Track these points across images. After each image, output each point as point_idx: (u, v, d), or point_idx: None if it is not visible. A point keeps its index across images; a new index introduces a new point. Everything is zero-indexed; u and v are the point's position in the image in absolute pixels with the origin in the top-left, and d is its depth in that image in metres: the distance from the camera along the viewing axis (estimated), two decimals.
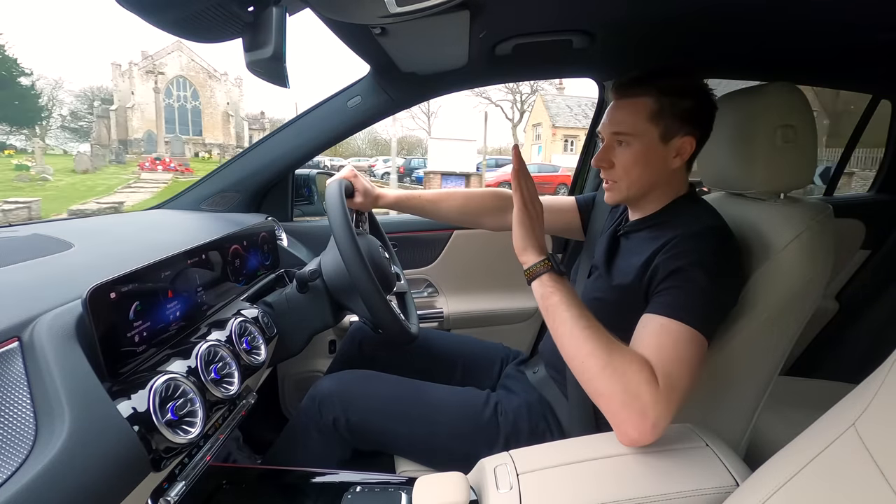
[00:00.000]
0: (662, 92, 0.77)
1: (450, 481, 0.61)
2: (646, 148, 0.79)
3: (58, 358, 0.51)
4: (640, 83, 0.79)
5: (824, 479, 0.44)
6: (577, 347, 0.66)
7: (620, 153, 0.81)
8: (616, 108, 0.81)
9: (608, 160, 0.82)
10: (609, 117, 0.82)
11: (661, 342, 0.66)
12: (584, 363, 0.65)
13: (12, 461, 0.45)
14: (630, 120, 0.79)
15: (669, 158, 0.80)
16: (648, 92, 0.78)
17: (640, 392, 0.61)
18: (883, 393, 0.43)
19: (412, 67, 1.15)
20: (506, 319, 1.51)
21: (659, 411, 0.61)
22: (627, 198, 0.84)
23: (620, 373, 0.62)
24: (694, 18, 0.89)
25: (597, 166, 0.84)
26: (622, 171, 0.81)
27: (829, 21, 0.89)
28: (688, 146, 0.79)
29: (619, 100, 0.81)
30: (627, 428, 0.62)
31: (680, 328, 0.67)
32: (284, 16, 0.53)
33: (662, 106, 0.77)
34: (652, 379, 0.62)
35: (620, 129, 0.80)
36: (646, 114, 0.77)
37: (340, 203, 0.85)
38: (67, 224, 0.99)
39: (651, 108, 0.77)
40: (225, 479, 0.81)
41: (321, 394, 0.91)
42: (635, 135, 0.78)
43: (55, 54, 73.41)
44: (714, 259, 0.71)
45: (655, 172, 0.80)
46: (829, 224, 0.76)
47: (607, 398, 0.63)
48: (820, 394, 1.22)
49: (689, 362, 0.65)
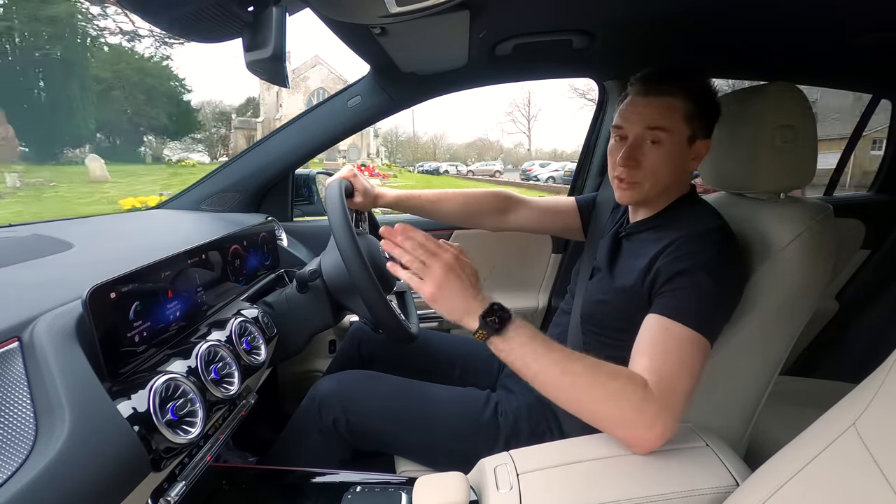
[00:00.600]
0: (691, 93, 0.76)
1: (450, 481, 0.61)
2: (677, 148, 0.77)
3: (58, 358, 0.51)
4: (670, 81, 0.76)
5: (825, 479, 0.44)
6: (567, 392, 0.62)
7: (650, 151, 0.77)
8: (646, 104, 0.77)
9: (636, 159, 0.78)
10: (638, 112, 0.77)
11: (663, 345, 0.66)
12: (580, 403, 0.62)
13: (12, 461, 0.45)
14: (666, 116, 0.76)
15: (689, 161, 0.79)
16: (678, 92, 0.76)
17: (643, 409, 0.61)
18: (883, 393, 0.43)
19: (412, 67, 1.15)
20: None
21: (665, 419, 0.61)
22: (646, 199, 0.82)
23: (618, 399, 0.61)
24: (694, 18, 0.89)
25: (624, 165, 0.78)
26: (649, 171, 0.78)
27: (829, 21, 0.89)
28: (704, 150, 0.80)
29: (649, 95, 0.77)
30: (639, 443, 0.62)
31: (682, 330, 0.67)
32: (284, 16, 0.53)
33: (695, 108, 0.76)
34: (649, 391, 0.61)
35: (659, 123, 0.76)
36: (681, 113, 0.76)
37: (340, 203, 0.85)
38: (67, 224, 0.99)
39: (685, 108, 0.76)
40: (225, 479, 0.81)
41: (321, 394, 0.90)
42: (671, 132, 0.76)
43: (206, 72, 75.26)
44: (717, 260, 0.71)
45: (677, 173, 0.79)
46: (829, 224, 0.76)
47: (612, 424, 0.63)
48: (820, 394, 1.22)
49: (691, 365, 0.65)
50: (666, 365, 0.64)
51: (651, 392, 0.61)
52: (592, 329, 0.86)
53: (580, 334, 0.88)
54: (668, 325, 0.67)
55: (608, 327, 0.82)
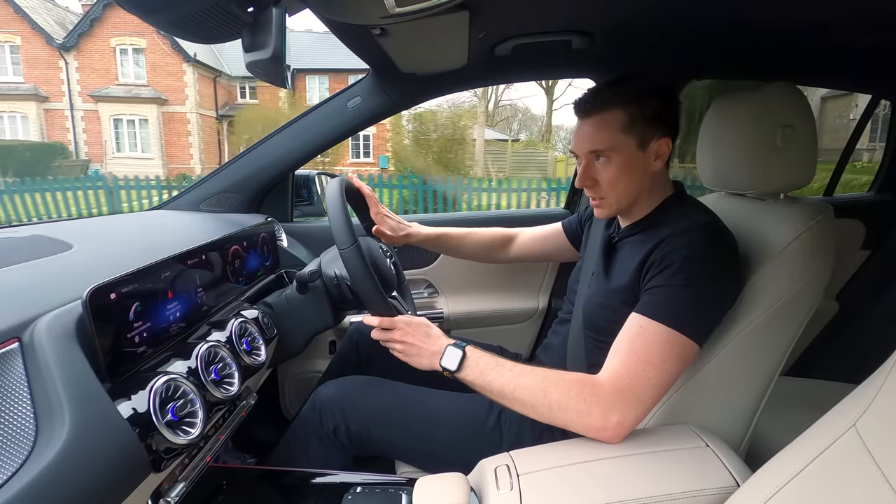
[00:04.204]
0: (627, 100, 0.76)
1: (450, 482, 0.61)
2: (626, 159, 0.77)
3: (58, 359, 0.51)
4: (602, 96, 0.77)
5: (825, 479, 0.44)
6: (524, 405, 0.71)
7: (602, 169, 0.79)
8: (585, 125, 0.79)
9: (591, 178, 0.81)
10: (581, 136, 0.80)
11: (632, 345, 0.70)
12: (537, 412, 0.71)
13: (13, 462, 0.45)
14: (604, 135, 0.77)
15: (650, 163, 0.79)
16: (613, 104, 0.76)
17: (590, 410, 0.67)
18: (883, 393, 0.43)
19: (412, 68, 1.15)
20: (506, 320, 1.51)
21: (620, 413, 0.66)
22: (618, 211, 0.84)
23: (565, 405, 0.68)
24: (693, 19, 0.89)
25: (581, 186, 0.83)
26: (607, 187, 0.80)
27: (829, 21, 0.89)
28: (665, 147, 0.79)
29: (586, 116, 0.79)
30: (600, 437, 0.68)
31: (658, 329, 0.68)
32: (284, 16, 0.53)
33: (633, 114, 0.76)
34: (598, 390, 0.68)
35: (596, 146, 0.78)
36: (618, 126, 0.76)
37: (341, 202, 0.85)
38: (67, 225, 0.99)
39: (622, 119, 0.76)
40: (225, 479, 0.81)
41: (321, 401, 0.90)
42: (614, 148, 0.77)
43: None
44: (705, 257, 0.71)
45: (639, 180, 0.80)
46: (829, 224, 0.76)
47: (569, 425, 0.69)
48: (820, 394, 1.22)
49: (659, 364, 0.67)
50: (627, 363, 0.68)
51: (601, 390, 0.68)
52: (592, 335, 0.86)
53: (581, 341, 0.88)
54: (642, 322, 0.70)
55: (608, 332, 0.82)
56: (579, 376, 0.71)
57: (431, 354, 0.79)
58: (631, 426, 0.68)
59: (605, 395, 0.67)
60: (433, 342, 0.80)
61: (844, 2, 0.80)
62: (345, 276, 0.94)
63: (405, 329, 0.82)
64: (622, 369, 0.69)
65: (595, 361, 0.78)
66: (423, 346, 0.80)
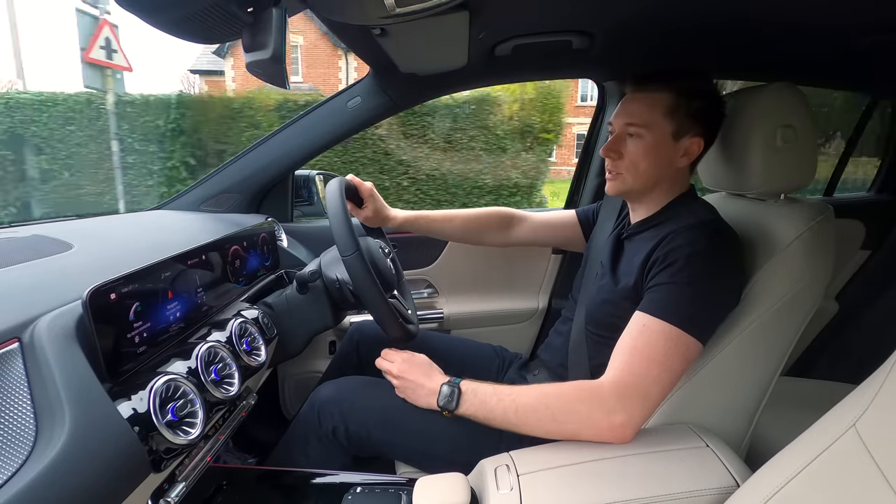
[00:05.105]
0: (680, 90, 0.78)
1: (450, 482, 0.61)
2: (657, 142, 0.79)
3: (58, 359, 0.51)
4: (659, 78, 0.79)
5: (825, 479, 0.44)
6: (529, 425, 0.71)
7: (631, 144, 0.81)
8: (632, 100, 0.82)
9: (618, 150, 0.82)
10: (623, 108, 0.83)
11: (635, 343, 0.70)
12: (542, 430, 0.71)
13: (13, 462, 0.45)
14: (646, 112, 0.79)
15: (677, 157, 0.80)
16: (666, 88, 0.79)
17: (592, 415, 0.68)
18: (883, 393, 0.43)
19: (412, 68, 1.15)
20: (506, 320, 1.51)
21: (625, 413, 0.66)
22: (631, 190, 0.85)
23: (567, 411, 0.69)
24: (693, 19, 0.89)
25: (605, 156, 0.84)
26: (630, 163, 0.81)
27: (829, 22, 0.89)
28: (696, 147, 0.80)
29: (636, 93, 0.82)
30: (608, 439, 0.68)
31: (661, 327, 0.68)
32: (284, 16, 0.53)
33: (679, 103, 0.78)
34: (600, 392, 0.68)
35: (635, 120, 0.80)
36: (662, 108, 0.78)
37: (341, 202, 0.85)
38: (67, 225, 0.99)
39: (668, 103, 0.78)
40: (225, 479, 0.81)
41: (320, 402, 0.90)
42: (649, 127, 0.79)
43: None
44: (708, 254, 0.71)
45: (661, 168, 0.81)
46: (829, 224, 0.76)
47: (575, 434, 0.69)
48: (820, 394, 1.22)
49: (663, 361, 0.68)
50: (630, 362, 0.68)
51: (602, 392, 0.68)
52: (596, 333, 0.86)
53: (584, 339, 0.88)
54: (646, 321, 0.70)
55: (611, 328, 0.82)
56: (577, 383, 0.71)
57: (428, 393, 0.80)
58: (638, 424, 0.68)
59: (607, 397, 0.68)
60: (430, 381, 0.81)
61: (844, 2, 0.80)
62: (346, 279, 0.94)
63: (402, 366, 0.84)
64: (625, 369, 0.69)
65: (598, 359, 0.78)
66: (420, 384, 0.81)
